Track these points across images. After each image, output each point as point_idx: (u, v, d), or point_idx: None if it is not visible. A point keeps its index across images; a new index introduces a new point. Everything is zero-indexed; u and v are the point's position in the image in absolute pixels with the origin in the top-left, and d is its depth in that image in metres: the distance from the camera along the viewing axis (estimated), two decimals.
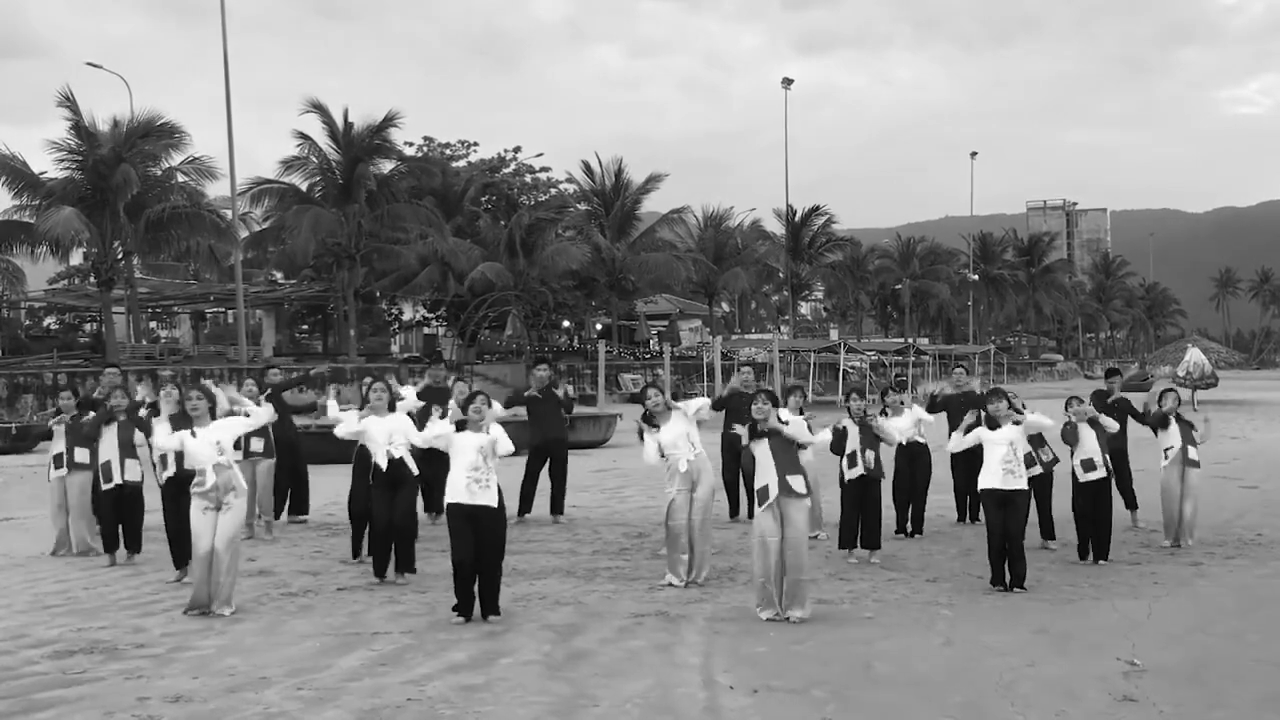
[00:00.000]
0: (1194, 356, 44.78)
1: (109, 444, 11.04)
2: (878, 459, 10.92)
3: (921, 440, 12.45)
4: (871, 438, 10.89)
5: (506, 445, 8.63)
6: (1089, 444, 10.87)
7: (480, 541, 8.40)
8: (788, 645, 7.73)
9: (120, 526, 11.13)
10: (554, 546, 11.85)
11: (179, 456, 9.70)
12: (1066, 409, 11.14)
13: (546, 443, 13.67)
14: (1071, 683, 6.83)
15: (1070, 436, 10.97)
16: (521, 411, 13.70)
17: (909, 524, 12.37)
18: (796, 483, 8.50)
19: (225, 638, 8.04)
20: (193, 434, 9.03)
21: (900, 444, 11.89)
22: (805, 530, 8.63)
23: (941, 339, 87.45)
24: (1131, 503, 12.68)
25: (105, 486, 11.05)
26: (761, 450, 8.60)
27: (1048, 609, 8.82)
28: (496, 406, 9.76)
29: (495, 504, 8.49)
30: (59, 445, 11.71)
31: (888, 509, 11.42)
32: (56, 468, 11.72)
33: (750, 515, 9.24)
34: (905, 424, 12.27)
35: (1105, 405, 11.98)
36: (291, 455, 13.37)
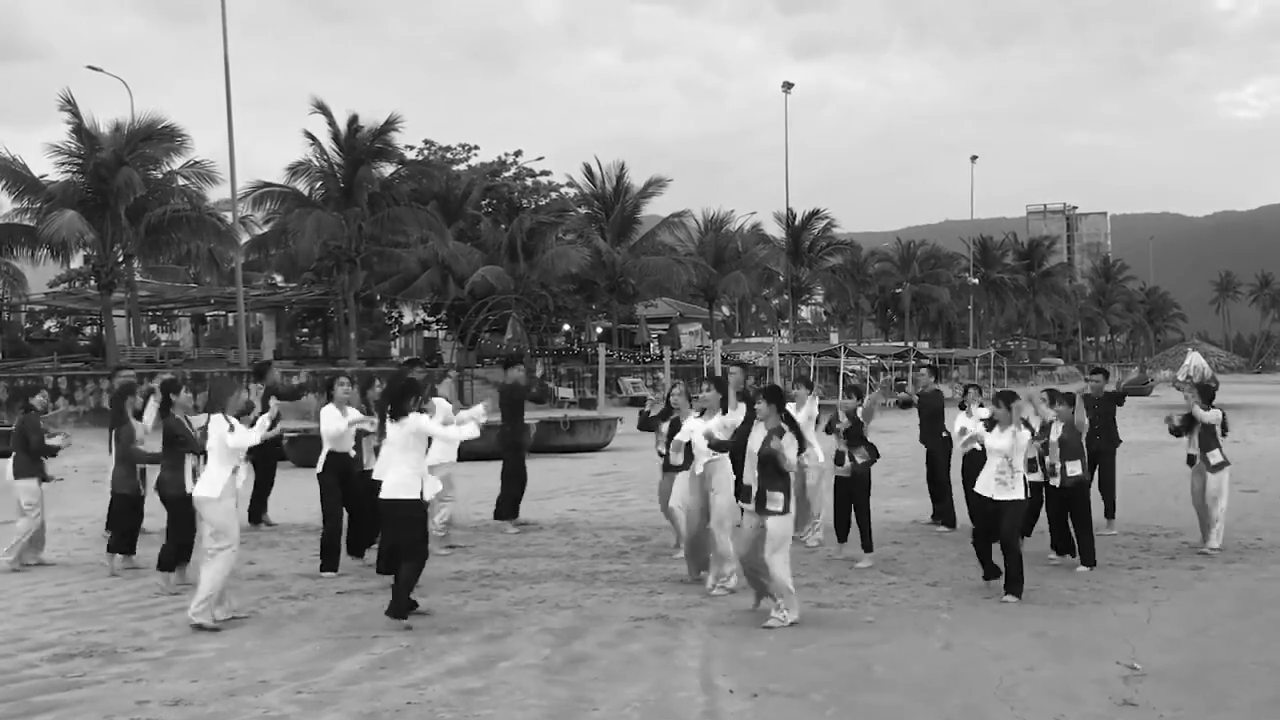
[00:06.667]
0: (1194, 360, 44.72)
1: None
2: (868, 456, 10.93)
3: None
4: (857, 437, 10.91)
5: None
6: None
7: None
8: (787, 649, 7.72)
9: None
10: (554, 550, 11.85)
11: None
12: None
13: (528, 442, 13.72)
14: (1071, 686, 6.83)
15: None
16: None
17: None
18: (772, 500, 8.38)
19: (224, 641, 8.04)
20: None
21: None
22: (771, 544, 8.40)
23: (942, 343, 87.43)
24: (1110, 511, 12.55)
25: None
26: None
27: (1047, 613, 8.82)
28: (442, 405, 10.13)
29: None
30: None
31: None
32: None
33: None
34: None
35: (1091, 407, 11.81)
36: (274, 457, 13.62)
